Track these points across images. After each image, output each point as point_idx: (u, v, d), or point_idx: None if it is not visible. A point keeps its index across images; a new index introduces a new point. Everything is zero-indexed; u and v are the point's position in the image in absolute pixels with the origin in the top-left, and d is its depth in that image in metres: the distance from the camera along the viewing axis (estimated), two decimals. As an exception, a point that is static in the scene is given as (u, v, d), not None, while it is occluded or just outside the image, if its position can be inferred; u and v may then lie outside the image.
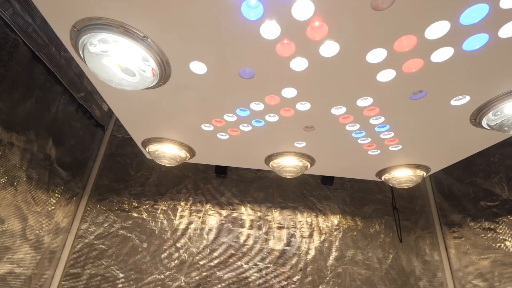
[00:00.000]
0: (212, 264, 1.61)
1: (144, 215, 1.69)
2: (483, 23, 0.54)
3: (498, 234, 1.50)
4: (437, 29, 0.55)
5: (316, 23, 0.55)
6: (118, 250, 1.58)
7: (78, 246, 1.56)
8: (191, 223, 1.70)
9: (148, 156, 1.32)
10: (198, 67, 0.71)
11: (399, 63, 0.65)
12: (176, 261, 1.59)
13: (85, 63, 0.68)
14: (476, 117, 0.84)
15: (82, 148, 1.63)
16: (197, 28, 0.59)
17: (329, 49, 0.62)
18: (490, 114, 0.82)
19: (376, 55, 0.63)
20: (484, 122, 0.84)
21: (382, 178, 1.36)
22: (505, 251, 1.45)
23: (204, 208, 1.75)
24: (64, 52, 1.34)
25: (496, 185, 1.57)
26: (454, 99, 0.77)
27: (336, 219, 1.85)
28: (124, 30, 0.62)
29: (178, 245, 1.63)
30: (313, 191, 1.91)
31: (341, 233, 1.81)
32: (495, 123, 0.82)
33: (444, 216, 1.89)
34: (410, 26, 0.55)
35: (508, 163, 1.52)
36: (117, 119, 1.91)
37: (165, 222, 1.68)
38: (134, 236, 1.62)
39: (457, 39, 0.57)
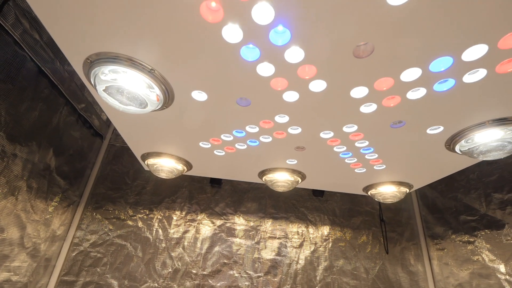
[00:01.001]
0: (205, 272, 1.65)
1: (140, 224, 1.73)
2: (449, 71, 0.62)
3: (476, 247, 1.59)
4: (411, 74, 0.64)
5: (306, 68, 0.63)
6: (113, 258, 1.61)
7: (73, 254, 1.59)
8: (185, 232, 1.75)
9: (146, 168, 1.38)
10: (199, 95, 0.78)
11: (379, 99, 0.73)
12: (170, 270, 1.63)
13: (96, 89, 0.74)
14: (450, 144, 0.92)
15: (80, 157, 1.67)
16: (201, 64, 0.66)
17: (318, 85, 0.69)
18: (462, 141, 0.90)
19: (359, 92, 0.70)
20: (457, 148, 0.93)
21: (369, 193, 1.45)
22: (482, 263, 1.54)
23: (198, 218, 1.80)
24: (67, 66, 1.39)
25: (475, 201, 1.67)
26: (430, 128, 0.85)
27: (326, 230, 1.93)
28: (133, 63, 0.68)
29: (172, 254, 1.67)
30: (304, 202, 1.98)
31: (331, 244, 1.88)
32: (466, 149, 0.91)
33: (428, 228, 1.98)
34: (387, 70, 0.63)
35: (485, 180, 1.62)
36: (115, 129, 1.96)
37: (160, 231, 1.73)
38: (129, 244, 1.66)
39: (428, 82, 0.66)
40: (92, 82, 0.72)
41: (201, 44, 0.60)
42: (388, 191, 1.36)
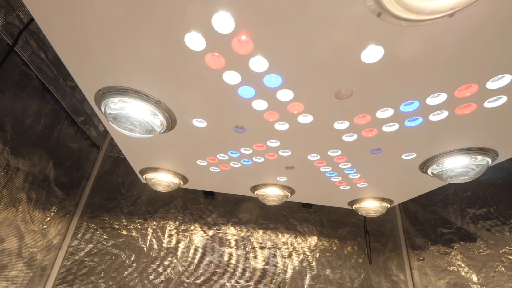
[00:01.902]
0: (197, 282, 1.71)
1: (134, 233, 1.78)
2: (417, 112, 0.72)
3: (452, 258, 1.71)
4: (384, 113, 0.74)
5: (295, 105, 0.73)
6: (107, 267, 1.65)
7: (68, 263, 1.62)
8: (178, 242, 1.81)
9: (143, 181, 1.44)
10: (199, 123, 0.86)
11: (358, 131, 0.83)
12: (163, 279, 1.69)
13: (105, 116, 0.81)
14: (423, 167, 1.03)
15: (77, 167, 1.72)
16: (203, 99, 0.75)
17: (305, 119, 0.79)
18: (434, 166, 1.01)
19: (341, 125, 0.80)
20: (429, 171, 1.03)
21: (353, 207, 1.55)
22: (457, 273, 1.66)
23: (191, 228, 1.87)
24: (69, 82, 1.45)
25: (451, 214, 1.79)
26: (405, 154, 0.96)
27: (314, 240, 2.01)
28: (141, 95, 0.76)
29: (165, 263, 1.73)
30: (294, 214, 2.07)
31: (318, 254, 1.97)
32: (437, 172, 1.02)
33: (410, 239, 2.10)
34: (364, 109, 0.73)
35: (461, 196, 1.75)
36: (111, 139, 2.01)
37: (154, 240, 1.78)
38: (124, 253, 1.70)
39: (400, 119, 0.76)
40: (103, 110, 0.80)
41: (205, 84, 0.69)
42: (371, 206, 1.46)
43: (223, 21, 0.52)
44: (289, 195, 1.42)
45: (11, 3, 1.03)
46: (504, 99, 0.66)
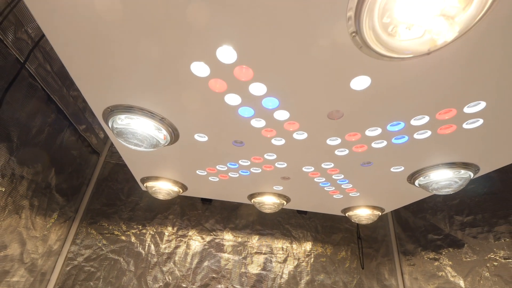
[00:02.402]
0: (194, 286, 1.75)
1: (133, 239, 1.81)
2: (402, 131, 0.79)
3: (441, 263, 1.78)
4: (373, 132, 0.80)
5: (291, 124, 0.78)
6: (106, 272, 1.68)
7: (67, 268, 1.65)
8: (176, 247, 1.85)
9: (143, 189, 1.48)
10: (201, 137, 0.91)
11: (349, 147, 0.89)
12: (161, 284, 1.72)
13: (112, 131, 0.86)
14: (411, 179, 1.09)
15: (77, 174, 1.75)
16: (205, 117, 0.80)
17: (300, 135, 0.85)
18: (421, 178, 1.08)
19: (333, 141, 0.86)
20: (416, 183, 1.10)
21: (346, 214, 1.60)
22: (445, 278, 1.72)
23: (189, 233, 1.91)
24: (72, 91, 1.49)
25: (440, 221, 1.86)
26: (393, 168, 1.02)
27: (308, 245, 2.07)
28: (147, 113, 0.81)
29: (164, 268, 1.76)
30: (289, 219, 2.12)
31: (312, 259, 2.02)
32: (424, 183, 1.09)
33: (401, 245, 2.16)
34: (354, 128, 0.79)
35: (449, 204, 1.82)
36: (111, 146, 2.05)
37: (152, 246, 1.82)
38: (122, 259, 1.74)
39: (387, 137, 0.82)
40: (110, 126, 0.85)
41: (208, 104, 0.74)
42: (363, 214, 1.52)
43: (226, 53, 0.58)
44: (285, 203, 1.47)
45: (20, 19, 1.07)
46: (480, 121, 0.73)
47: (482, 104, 0.67)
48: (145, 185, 1.37)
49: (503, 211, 1.49)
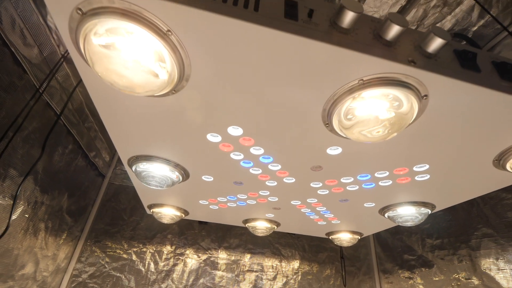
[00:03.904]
0: (190, 303, 1.89)
1: (134, 257, 1.95)
2: (369, 180, 1.00)
3: (414, 282, 1.98)
4: (347, 179, 1.01)
5: (282, 172, 0.98)
6: (109, 289, 1.81)
7: (73, 285, 1.77)
8: (174, 265, 1.99)
9: (148, 212, 1.64)
10: (207, 178, 1.10)
11: (329, 188, 1.09)
12: (159, 300, 1.85)
13: (135, 174, 1.04)
14: (382, 212, 1.30)
15: (84, 195, 1.89)
16: (213, 166, 0.99)
17: (289, 180, 1.04)
18: (390, 212, 1.29)
19: (316, 184, 1.06)
20: (386, 215, 1.31)
21: (330, 237, 1.80)
22: (418, 296, 1.92)
23: (186, 252, 2.05)
24: (87, 123, 1.66)
25: (414, 243, 2.07)
26: (366, 204, 1.23)
27: (296, 264, 2.24)
28: (164, 160, 1.00)
29: (162, 285, 1.90)
30: (279, 239, 2.30)
31: (300, 277, 2.19)
32: (392, 216, 1.29)
33: (381, 263, 2.36)
34: (332, 176, 1.00)
35: (422, 227, 2.04)
36: (115, 168, 2.20)
37: (152, 264, 1.96)
38: (124, 276, 1.87)
39: (358, 183, 1.03)
40: (133, 169, 1.03)
41: (216, 158, 0.93)
42: (344, 237, 1.72)
43: (235, 130, 0.78)
44: (276, 227, 1.65)
45: (51, 66, 1.25)
46: (428, 176, 0.95)
47: (426, 166, 0.89)
48: (151, 210, 1.53)
49: (464, 237, 1.71)
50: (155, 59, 0.55)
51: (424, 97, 0.61)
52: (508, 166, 0.82)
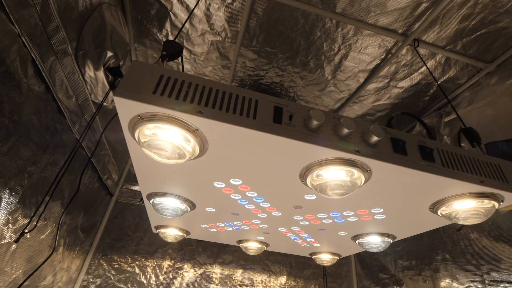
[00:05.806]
0: (186, 313, 2.09)
1: (137, 270, 2.15)
2: (340, 216, 1.26)
3: (387, 299, 2.22)
4: (322, 216, 1.27)
5: (271, 210, 1.24)
6: (113, 299, 2.01)
7: (81, 295, 1.97)
8: (173, 278, 2.20)
9: (154, 232, 1.87)
10: (210, 209, 1.35)
11: (309, 221, 1.35)
12: (159, 310, 2.06)
13: (152, 206, 1.28)
14: (354, 239, 1.56)
15: (95, 213, 2.11)
16: (216, 201, 1.24)
17: (276, 214, 1.30)
18: (360, 239, 1.55)
19: (298, 218, 1.32)
20: (357, 242, 1.57)
21: (313, 257, 2.04)
22: (389, 312, 2.16)
23: (184, 266, 2.27)
24: (103, 151, 1.90)
25: (388, 263, 2.33)
26: (340, 232, 1.49)
27: (283, 279, 2.47)
28: (175, 195, 1.24)
29: (162, 297, 2.10)
30: (268, 256, 2.53)
31: (286, 291, 2.41)
32: (361, 243, 1.55)
33: (360, 281, 2.60)
34: (310, 213, 1.26)
35: (395, 249, 2.30)
36: (122, 187, 2.42)
37: (153, 277, 2.16)
38: (127, 287, 2.07)
39: (332, 218, 1.29)
40: (151, 202, 1.27)
41: (219, 197, 1.19)
42: (325, 258, 1.97)
43: (236, 181, 1.04)
44: (265, 247, 1.90)
45: (83, 111, 1.50)
46: (384, 216, 1.21)
47: (381, 209, 1.16)
48: (158, 230, 1.76)
49: (428, 260, 1.98)
50: (183, 139, 0.81)
51: (368, 171, 0.88)
52: (439, 212, 1.09)
